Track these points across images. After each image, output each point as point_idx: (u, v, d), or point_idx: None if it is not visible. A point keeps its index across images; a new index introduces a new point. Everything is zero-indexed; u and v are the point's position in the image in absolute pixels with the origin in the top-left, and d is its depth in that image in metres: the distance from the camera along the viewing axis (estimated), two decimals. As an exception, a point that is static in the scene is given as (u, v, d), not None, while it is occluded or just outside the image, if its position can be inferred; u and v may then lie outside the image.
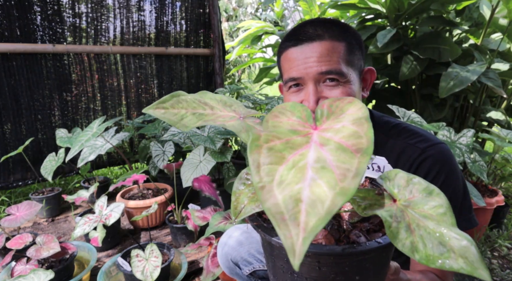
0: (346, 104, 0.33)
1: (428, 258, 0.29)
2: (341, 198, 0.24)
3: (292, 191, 0.25)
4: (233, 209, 0.37)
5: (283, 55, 0.75)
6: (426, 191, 0.36)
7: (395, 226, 0.32)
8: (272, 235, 0.37)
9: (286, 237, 0.22)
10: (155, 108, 0.37)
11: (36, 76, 1.92)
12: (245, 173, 0.40)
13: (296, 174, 0.26)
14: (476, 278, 1.48)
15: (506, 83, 1.90)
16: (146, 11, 2.25)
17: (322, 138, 0.29)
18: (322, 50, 0.69)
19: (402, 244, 0.30)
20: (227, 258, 0.91)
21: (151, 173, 1.82)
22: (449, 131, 1.42)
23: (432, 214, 0.34)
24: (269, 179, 0.26)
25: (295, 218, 0.23)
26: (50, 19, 1.92)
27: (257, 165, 0.27)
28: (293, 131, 0.30)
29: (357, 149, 0.27)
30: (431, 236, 0.30)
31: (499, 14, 1.75)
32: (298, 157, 0.27)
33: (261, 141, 0.29)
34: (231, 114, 0.38)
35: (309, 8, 2.47)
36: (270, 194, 0.25)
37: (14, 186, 1.96)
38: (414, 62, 1.69)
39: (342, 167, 0.26)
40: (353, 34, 0.74)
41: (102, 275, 1.14)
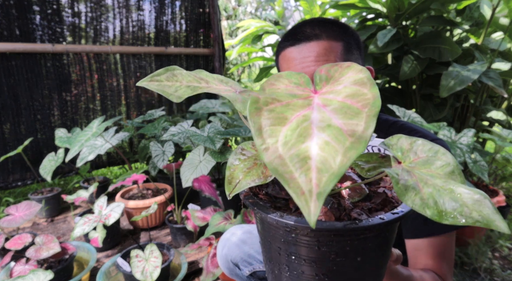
0: (345, 69, 0.32)
1: (441, 214, 0.27)
2: (353, 152, 0.23)
3: (299, 150, 0.24)
4: (227, 184, 0.35)
5: (281, 55, 0.75)
6: (431, 151, 0.35)
7: (403, 182, 0.30)
8: (268, 212, 0.35)
9: (299, 195, 0.21)
10: (149, 80, 0.36)
11: (36, 76, 1.92)
12: (240, 148, 0.39)
13: (301, 133, 0.25)
14: (476, 278, 1.47)
15: (507, 83, 1.90)
16: (145, 11, 2.25)
17: (324, 100, 0.28)
18: (320, 50, 0.69)
19: (411, 201, 0.29)
20: (227, 259, 0.91)
21: (151, 173, 1.82)
22: (450, 131, 1.41)
23: (440, 173, 0.33)
24: (273, 140, 0.25)
25: (305, 175, 0.22)
26: (49, 18, 1.91)
27: (258, 127, 0.26)
28: (293, 95, 0.29)
29: (363, 105, 0.26)
30: (441, 193, 0.29)
31: (500, 13, 1.75)
32: (302, 118, 0.26)
33: (260, 103, 0.28)
34: (227, 88, 0.37)
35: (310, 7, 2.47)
36: (275, 154, 0.24)
37: (13, 186, 1.95)
38: (414, 62, 1.69)
39: (349, 123, 0.25)
40: (351, 34, 0.74)
41: (102, 275, 1.14)
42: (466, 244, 1.59)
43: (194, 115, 2.13)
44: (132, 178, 1.37)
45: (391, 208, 0.37)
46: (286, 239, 0.35)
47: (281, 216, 0.33)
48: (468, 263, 1.56)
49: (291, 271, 0.37)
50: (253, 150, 0.39)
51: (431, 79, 1.90)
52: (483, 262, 1.55)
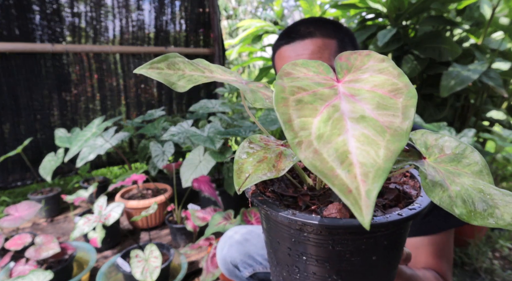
0: (364, 56, 0.30)
1: (469, 214, 0.26)
2: (396, 144, 0.21)
3: (337, 144, 0.22)
4: (236, 179, 0.33)
5: (277, 54, 0.76)
6: (458, 148, 0.33)
7: (431, 178, 0.29)
8: (279, 210, 0.33)
9: (346, 193, 0.20)
10: (148, 68, 0.33)
11: (35, 76, 1.91)
12: (248, 142, 0.37)
13: (335, 125, 0.23)
14: (477, 279, 1.47)
15: (507, 83, 1.90)
16: (145, 11, 2.25)
17: (351, 89, 0.26)
18: (314, 48, 0.70)
19: (439, 198, 0.27)
20: (226, 260, 0.91)
21: (151, 173, 1.82)
22: (450, 131, 1.41)
23: (467, 172, 0.31)
24: (306, 133, 0.23)
25: (349, 171, 0.20)
26: (49, 18, 1.91)
27: (288, 118, 0.24)
28: (317, 83, 0.27)
29: (396, 94, 0.25)
30: (470, 192, 0.28)
31: (500, 13, 1.75)
32: (331, 108, 0.24)
33: (286, 92, 0.26)
34: (233, 78, 0.36)
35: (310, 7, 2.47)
36: (310, 149, 0.22)
37: (13, 186, 1.95)
38: (414, 62, 1.69)
39: (385, 113, 0.23)
40: (345, 32, 0.75)
41: (102, 275, 1.14)
42: (467, 244, 1.59)
43: (194, 115, 2.12)
44: (132, 178, 1.37)
45: (406, 204, 0.36)
46: (298, 239, 0.34)
47: (293, 214, 0.32)
48: (468, 263, 1.56)
49: (301, 273, 0.35)
50: (261, 143, 0.37)
51: (431, 79, 1.90)
52: (484, 262, 1.55)
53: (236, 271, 0.89)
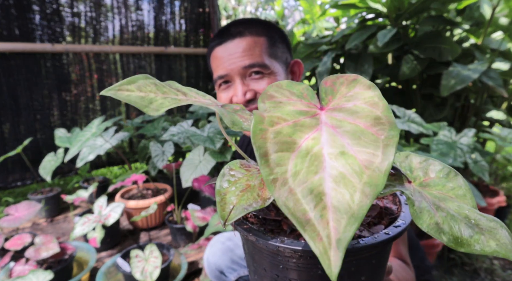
0: (351, 82, 0.29)
1: (457, 241, 0.26)
2: (372, 188, 0.20)
3: (312, 183, 0.21)
4: (221, 211, 0.31)
5: (211, 56, 0.79)
6: (442, 172, 0.33)
7: (418, 204, 0.28)
8: (267, 238, 0.32)
9: (315, 240, 0.19)
10: (117, 89, 0.31)
11: (35, 76, 1.91)
12: (228, 169, 0.35)
13: (312, 162, 0.22)
14: (477, 279, 1.47)
15: (507, 83, 1.90)
16: (145, 11, 2.25)
17: (334, 120, 0.25)
18: (244, 46, 0.73)
19: (427, 225, 0.27)
20: (212, 267, 0.91)
21: (151, 173, 1.82)
22: (450, 131, 1.41)
23: (452, 196, 0.31)
24: (282, 169, 0.22)
25: (321, 216, 0.19)
26: (49, 18, 1.91)
27: (264, 152, 0.23)
28: (299, 112, 0.26)
29: (379, 130, 0.24)
30: (455, 218, 0.27)
31: (500, 13, 1.75)
32: (311, 142, 0.23)
33: (265, 123, 0.24)
34: (207, 101, 0.34)
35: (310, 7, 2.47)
36: (285, 187, 0.21)
37: (12, 186, 1.95)
38: (414, 62, 1.69)
39: (365, 151, 0.22)
40: (274, 29, 0.78)
41: (102, 275, 1.14)
42: (467, 244, 1.59)
43: (194, 115, 2.12)
44: (132, 178, 1.37)
45: (389, 220, 0.36)
46: (286, 265, 0.33)
47: (282, 241, 0.31)
48: (468, 263, 1.56)
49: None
50: (242, 169, 0.35)
51: (431, 79, 1.90)
52: (484, 262, 1.55)
53: (222, 276, 0.89)
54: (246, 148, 1.12)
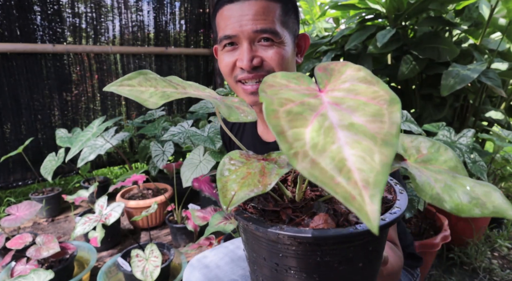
0: (342, 66, 0.31)
1: (458, 207, 0.28)
2: (388, 148, 0.21)
3: (332, 152, 0.22)
4: (222, 198, 0.32)
5: (219, 13, 0.73)
6: (433, 147, 0.36)
7: (420, 179, 0.30)
8: (267, 226, 0.32)
9: (349, 200, 0.20)
10: (119, 85, 0.33)
11: (36, 76, 1.92)
12: (228, 158, 0.36)
13: (327, 134, 0.23)
14: (476, 278, 1.48)
15: (505, 83, 1.90)
16: (145, 11, 2.25)
17: (335, 99, 0.27)
18: (258, 9, 0.68)
19: (429, 196, 0.29)
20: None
21: (151, 173, 1.82)
22: (449, 131, 1.42)
23: (445, 168, 0.33)
24: (300, 143, 0.23)
25: (349, 178, 0.20)
26: (50, 19, 1.92)
27: (280, 130, 0.24)
28: (302, 94, 0.28)
29: (380, 101, 0.25)
30: (453, 187, 0.29)
31: (499, 14, 1.75)
32: (321, 117, 0.25)
33: (275, 104, 0.26)
34: (206, 93, 0.36)
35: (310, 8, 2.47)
36: (307, 159, 0.22)
37: (14, 186, 1.96)
38: (413, 62, 1.69)
39: (372, 120, 0.24)
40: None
41: (102, 275, 1.14)
42: (466, 244, 1.59)
43: (194, 115, 2.13)
44: (132, 178, 1.38)
45: (386, 208, 0.37)
46: (285, 253, 0.34)
47: (281, 229, 0.32)
48: (467, 262, 1.57)
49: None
50: (242, 159, 0.37)
51: (430, 79, 1.91)
52: (483, 261, 1.56)
53: None
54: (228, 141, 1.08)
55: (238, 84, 0.74)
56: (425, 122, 1.83)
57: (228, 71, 0.74)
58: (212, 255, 0.89)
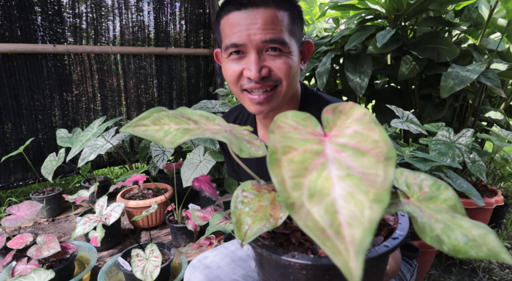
0: (349, 109, 0.33)
1: (455, 249, 0.29)
2: (378, 205, 0.23)
3: (326, 204, 0.23)
4: (237, 232, 0.34)
5: (224, 19, 0.71)
6: (434, 186, 0.37)
7: (421, 221, 0.32)
8: (279, 253, 0.35)
9: (336, 254, 0.21)
10: (134, 126, 0.34)
11: (37, 77, 1.93)
12: (241, 190, 0.38)
13: (323, 185, 0.25)
14: (475, 278, 1.48)
15: (505, 83, 1.91)
16: (145, 12, 2.26)
17: (337, 145, 0.29)
18: (267, 18, 0.67)
19: (430, 238, 0.30)
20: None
21: (151, 173, 1.83)
22: (449, 132, 1.42)
23: (445, 207, 0.35)
24: (298, 193, 0.24)
25: (338, 232, 0.22)
26: (50, 19, 1.92)
27: (281, 179, 0.25)
28: (306, 140, 0.30)
29: (378, 153, 0.27)
30: (452, 228, 0.31)
31: (498, 14, 1.76)
32: (320, 166, 0.26)
33: (279, 153, 0.27)
34: (217, 127, 0.37)
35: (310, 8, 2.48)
36: (303, 209, 0.23)
37: (14, 185, 1.96)
38: (413, 62, 1.70)
39: (368, 173, 0.25)
40: (295, 4, 0.73)
41: (103, 274, 1.15)
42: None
43: (194, 115, 2.13)
44: (133, 178, 1.38)
45: (387, 231, 0.39)
46: (296, 276, 0.36)
47: (293, 256, 0.34)
48: (466, 262, 1.57)
49: None
50: (253, 190, 0.39)
51: (430, 79, 1.91)
52: (482, 261, 1.56)
53: None
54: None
55: (244, 93, 0.74)
56: (424, 122, 1.83)
57: (234, 80, 0.73)
58: (213, 255, 0.89)
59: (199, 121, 0.37)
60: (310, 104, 0.81)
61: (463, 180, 1.31)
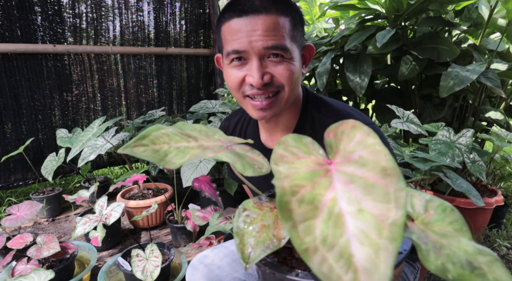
0: (351, 131, 0.31)
1: (461, 277, 0.28)
2: (393, 244, 0.22)
3: (340, 247, 0.23)
4: (241, 253, 0.33)
5: (225, 25, 0.71)
6: (439, 208, 0.36)
7: (425, 248, 0.31)
8: (284, 272, 0.34)
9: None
10: (133, 146, 0.33)
11: (37, 76, 1.93)
12: (242, 209, 0.37)
13: (335, 225, 0.24)
14: None
15: (505, 83, 1.91)
16: (145, 12, 2.26)
17: (344, 175, 0.28)
18: (268, 24, 0.67)
19: (434, 266, 0.29)
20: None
21: (151, 173, 1.83)
22: (449, 132, 1.42)
23: (451, 231, 0.34)
24: (311, 238, 0.24)
25: (355, 279, 0.21)
26: (50, 19, 1.92)
27: (293, 224, 0.25)
28: (313, 172, 0.28)
29: (387, 183, 0.26)
30: (457, 254, 0.30)
31: (498, 14, 1.76)
32: (330, 203, 0.26)
33: (288, 195, 0.27)
34: (218, 144, 0.36)
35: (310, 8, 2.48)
36: (317, 255, 0.23)
37: (14, 185, 1.96)
38: (413, 62, 1.70)
39: (378, 206, 0.25)
40: (296, 9, 0.73)
41: (103, 274, 1.15)
42: (465, 244, 1.60)
43: (194, 115, 2.14)
44: (133, 178, 1.38)
45: None
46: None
47: (297, 275, 0.34)
48: (466, 262, 1.57)
49: None
50: (255, 209, 0.38)
51: (430, 79, 1.91)
52: (482, 261, 1.56)
53: None
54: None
55: (247, 99, 0.74)
56: (424, 122, 1.83)
57: (236, 86, 0.73)
58: (213, 255, 0.89)
59: (199, 138, 0.36)
60: (311, 108, 0.81)
61: (463, 180, 1.31)
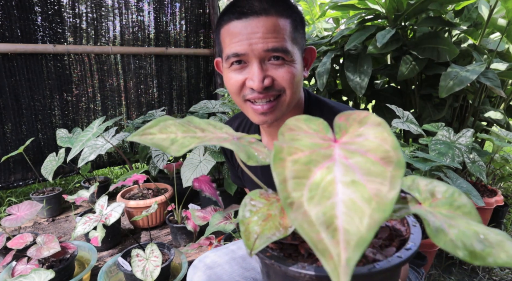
0: (363, 117, 0.32)
1: (471, 255, 0.28)
2: (379, 214, 0.22)
3: (325, 207, 0.23)
4: (245, 240, 0.32)
5: (224, 28, 0.70)
6: (447, 192, 0.36)
7: (433, 224, 0.30)
8: (287, 264, 0.34)
9: (327, 259, 0.20)
10: (141, 134, 0.34)
11: (37, 77, 1.93)
12: (249, 199, 0.37)
13: (326, 188, 0.24)
14: (475, 278, 1.48)
15: (505, 83, 1.91)
16: (145, 12, 2.26)
17: (346, 152, 0.28)
18: (269, 26, 0.66)
19: (444, 242, 0.29)
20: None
21: (151, 173, 1.83)
22: (448, 132, 1.42)
23: (459, 214, 0.33)
24: (298, 194, 0.24)
25: (333, 236, 0.21)
26: (50, 19, 1.92)
27: (282, 179, 0.25)
28: (315, 144, 0.29)
29: (387, 162, 0.26)
30: (467, 234, 0.29)
31: (498, 14, 1.76)
32: (325, 170, 0.25)
33: (284, 153, 0.27)
34: (224, 135, 0.36)
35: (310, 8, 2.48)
36: (300, 210, 0.23)
37: (14, 185, 1.96)
38: (413, 62, 1.70)
39: (373, 180, 0.24)
40: (296, 11, 0.72)
41: (103, 274, 1.15)
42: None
43: (194, 115, 2.14)
44: (133, 178, 1.38)
45: (399, 242, 0.38)
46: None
47: (303, 267, 0.34)
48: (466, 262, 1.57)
49: None
50: (262, 199, 0.38)
51: (430, 79, 1.91)
52: (482, 261, 1.56)
53: None
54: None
55: (247, 103, 0.73)
56: (424, 122, 1.83)
57: (236, 90, 0.72)
58: (214, 255, 0.89)
59: (207, 129, 0.37)
60: (313, 111, 0.80)
61: (463, 180, 1.31)
